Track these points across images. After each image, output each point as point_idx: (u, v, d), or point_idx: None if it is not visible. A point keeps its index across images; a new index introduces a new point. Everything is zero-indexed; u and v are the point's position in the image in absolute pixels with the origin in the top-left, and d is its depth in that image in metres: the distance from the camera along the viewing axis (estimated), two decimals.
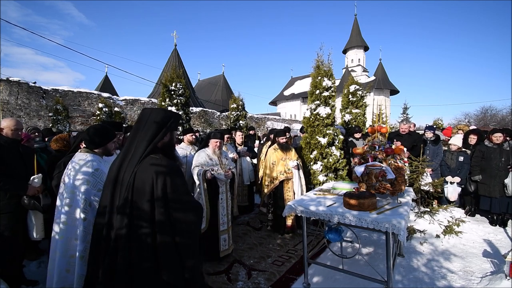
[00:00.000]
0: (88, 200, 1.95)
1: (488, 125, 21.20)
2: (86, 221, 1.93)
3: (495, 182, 4.52)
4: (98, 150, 2.15)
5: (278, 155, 4.30)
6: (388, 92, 33.87)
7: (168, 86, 6.56)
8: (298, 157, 4.47)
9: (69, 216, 1.97)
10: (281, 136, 4.36)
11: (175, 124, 1.58)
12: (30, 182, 2.53)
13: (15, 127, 2.61)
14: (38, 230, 2.60)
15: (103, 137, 2.16)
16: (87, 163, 2.03)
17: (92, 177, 1.99)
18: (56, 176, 2.48)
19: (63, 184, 2.05)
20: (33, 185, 2.53)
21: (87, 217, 1.93)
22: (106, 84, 27.93)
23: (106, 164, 2.06)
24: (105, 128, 2.24)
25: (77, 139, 2.75)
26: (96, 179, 2.00)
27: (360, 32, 36.69)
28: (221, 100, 28.96)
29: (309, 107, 4.98)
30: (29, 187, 2.51)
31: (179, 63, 23.97)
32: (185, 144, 4.24)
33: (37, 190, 2.56)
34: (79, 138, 2.70)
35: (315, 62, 4.99)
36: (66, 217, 1.97)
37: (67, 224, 1.97)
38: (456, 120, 27.91)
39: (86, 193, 1.95)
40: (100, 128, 2.21)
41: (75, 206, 1.97)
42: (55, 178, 2.48)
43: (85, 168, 2.01)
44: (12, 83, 10.16)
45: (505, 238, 4.11)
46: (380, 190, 2.85)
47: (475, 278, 2.98)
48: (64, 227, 1.97)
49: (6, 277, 2.42)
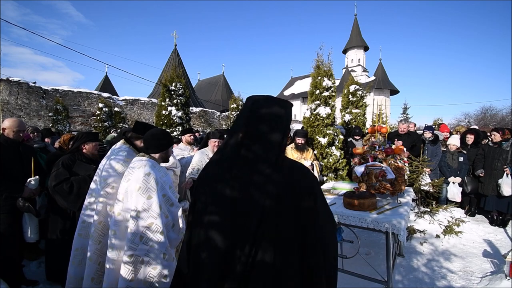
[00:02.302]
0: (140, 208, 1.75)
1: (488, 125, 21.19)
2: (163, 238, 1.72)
3: (490, 180, 4.60)
4: (157, 155, 1.97)
5: (293, 154, 4.35)
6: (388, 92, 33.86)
7: (168, 86, 6.57)
8: (315, 159, 4.47)
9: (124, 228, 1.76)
10: (299, 137, 4.40)
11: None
12: (27, 184, 2.51)
13: (17, 128, 2.60)
14: (33, 232, 2.59)
15: (166, 141, 2.02)
16: (151, 168, 1.84)
17: (144, 182, 1.81)
18: (54, 175, 2.47)
19: (114, 190, 1.91)
20: (29, 187, 2.51)
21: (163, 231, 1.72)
22: (106, 84, 27.92)
23: (161, 170, 1.93)
24: (165, 131, 2.09)
25: (77, 139, 2.74)
26: (147, 184, 1.82)
27: (360, 32, 36.68)
28: (221, 100, 28.97)
29: (309, 107, 4.99)
30: (25, 189, 2.49)
31: (179, 63, 23.99)
32: (184, 144, 4.18)
33: (33, 193, 2.54)
34: (82, 138, 2.71)
35: (315, 62, 5.00)
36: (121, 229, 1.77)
37: (116, 235, 1.79)
38: (456, 120, 27.89)
39: (139, 204, 1.76)
40: (161, 131, 2.03)
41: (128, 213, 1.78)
42: (52, 177, 2.46)
43: (154, 173, 1.82)
44: (12, 83, 10.17)
45: (505, 238, 4.11)
46: (380, 190, 2.85)
47: (475, 278, 2.98)
48: (117, 239, 1.78)
49: (6, 277, 2.42)
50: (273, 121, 0.95)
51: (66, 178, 2.48)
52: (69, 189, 2.46)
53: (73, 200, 2.47)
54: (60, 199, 2.48)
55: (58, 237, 2.64)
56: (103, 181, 2.15)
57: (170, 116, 6.46)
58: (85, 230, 2.22)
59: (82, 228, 2.25)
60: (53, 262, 2.72)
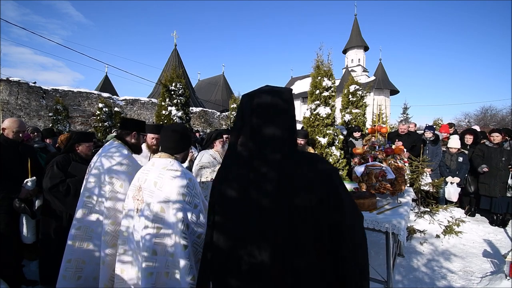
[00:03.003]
0: (186, 221, 1.51)
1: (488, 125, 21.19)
2: (187, 250, 1.47)
3: (496, 181, 4.54)
4: (180, 155, 1.75)
5: None
6: (388, 92, 33.84)
7: (168, 86, 6.57)
8: None
9: (159, 245, 1.52)
10: (299, 138, 4.42)
11: None
12: (23, 185, 2.49)
13: (17, 129, 2.59)
14: (30, 233, 2.56)
15: (189, 138, 1.82)
16: (182, 173, 1.60)
17: (187, 189, 1.56)
18: (49, 177, 2.37)
19: (136, 200, 1.63)
20: (26, 188, 2.49)
21: (188, 244, 1.49)
22: (106, 84, 27.91)
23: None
24: (184, 126, 1.88)
25: (70, 139, 2.63)
26: (191, 191, 1.58)
27: (360, 32, 36.67)
28: (221, 100, 28.96)
29: (309, 107, 4.99)
30: (22, 190, 2.47)
31: (179, 63, 23.97)
32: None
33: (30, 194, 2.52)
34: (76, 138, 2.61)
35: (315, 62, 5.00)
36: (157, 248, 1.52)
37: (157, 255, 1.52)
38: (456, 120, 27.85)
39: (184, 212, 1.52)
40: (181, 128, 1.80)
41: (169, 230, 1.52)
42: (47, 180, 2.36)
43: (180, 179, 1.56)
44: (12, 83, 10.17)
45: (505, 238, 4.11)
46: (380, 190, 2.85)
47: (475, 278, 2.98)
48: (153, 262, 1.51)
49: (6, 277, 2.41)
50: (278, 113, 0.91)
51: (62, 180, 2.37)
52: (65, 191, 2.35)
53: (70, 202, 2.33)
54: (57, 202, 2.37)
55: (51, 240, 2.53)
56: (108, 183, 1.98)
57: (170, 116, 6.46)
58: (81, 237, 2.01)
59: (76, 236, 2.02)
60: (46, 266, 2.62)
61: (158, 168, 1.62)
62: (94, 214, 2.05)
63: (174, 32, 25.98)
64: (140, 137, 2.30)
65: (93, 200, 2.06)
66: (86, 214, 2.06)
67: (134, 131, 2.23)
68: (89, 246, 2.04)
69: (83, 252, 2.02)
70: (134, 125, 2.27)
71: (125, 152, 2.14)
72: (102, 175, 2.02)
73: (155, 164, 1.65)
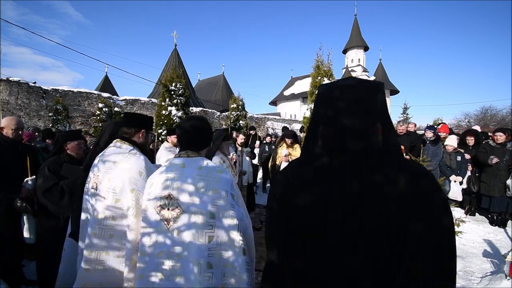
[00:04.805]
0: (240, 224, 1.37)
1: (488, 125, 21.20)
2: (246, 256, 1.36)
3: (495, 181, 4.54)
4: (203, 151, 1.54)
5: (283, 151, 4.81)
6: (388, 92, 33.88)
7: (168, 86, 6.57)
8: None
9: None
10: (287, 138, 4.96)
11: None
12: (24, 184, 2.47)
13: (15, 126, 2.56)
14: (31, 232, 2.54)
15: (209, 136, 1.60)
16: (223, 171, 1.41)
17: (235, 188, 1.41)
18: (42, 181, 2.29)
19: (166, 210, 1.34)
20: (26, 187, 2.46)
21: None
22: (106, 84, 27.95)
23: None
24: (204, 118, 1.61)
25: (57, 140, 2.54)
26: (237, 192, 1.42)
27: (360, 32, 36.70)
28: (221, 100, 28.96)
29: (309, 107, 4.99)
30: (22, 189, 2.44)
31: (179, 63, 23.98)
32: (170, 144, 3.84)
33: (30, 193, 2.49)
34: (62, 138, 2.50)
35: (315, 62, 5.01)
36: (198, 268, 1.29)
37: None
38: (456, 120, 27.89)
39: (239, 216, 1.37)
40: (202, 121, 1.54)
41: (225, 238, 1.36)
42: (40, 184, 2.29)
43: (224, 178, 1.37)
44: (12, 83, 10.17)
45: (505, 238, 4.11)
46: None
47: (475, 278, 2.98)
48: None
49: (6, 277, 2.41)
50: (377, 112, 0.78)
51: (55, 183, 2.28)
52: (59, 194, 2.26)
53: (65, 205, 2.25)
54: (52, 206, 2.29)
55: (49, 240, 2.48)
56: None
57: (170, 116, 6.46)
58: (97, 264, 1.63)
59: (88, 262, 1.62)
60: (44, 267, 2.55)
61: (193, 169, 1.36)
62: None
63: (174, 32, 25.99)
64: (148, 136, 1.92)
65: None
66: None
67: (143, 128, 1.86)
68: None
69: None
70: (142, 121, 1.90)
71: (144, 162, 1.72)
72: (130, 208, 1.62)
73: (186, 165, 1.37)
